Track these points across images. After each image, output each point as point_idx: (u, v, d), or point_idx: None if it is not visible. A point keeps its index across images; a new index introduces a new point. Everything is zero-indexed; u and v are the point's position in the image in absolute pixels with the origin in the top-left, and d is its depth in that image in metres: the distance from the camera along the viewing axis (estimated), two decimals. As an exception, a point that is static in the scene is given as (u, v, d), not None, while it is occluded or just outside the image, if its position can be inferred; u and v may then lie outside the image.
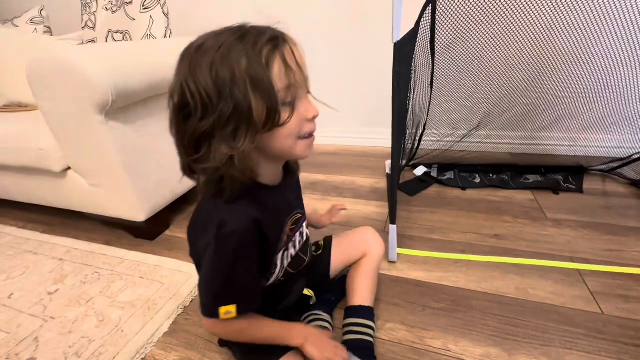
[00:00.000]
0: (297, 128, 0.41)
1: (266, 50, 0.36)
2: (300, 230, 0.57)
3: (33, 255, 1.05)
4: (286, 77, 0.38)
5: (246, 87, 0.36)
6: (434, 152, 1.39)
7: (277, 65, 0.37)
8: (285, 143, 0.42)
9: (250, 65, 0.36)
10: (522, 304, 0.72)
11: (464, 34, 1.06)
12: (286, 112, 0.39)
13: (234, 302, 0.45)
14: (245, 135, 0.38)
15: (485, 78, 1.17)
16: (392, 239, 0.86)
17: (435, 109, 1.29)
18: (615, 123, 1.13)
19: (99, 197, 0.99)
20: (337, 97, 1.63)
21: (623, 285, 0.75)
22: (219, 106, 0.36)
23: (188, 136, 0.39)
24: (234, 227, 0.42)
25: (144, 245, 1.05)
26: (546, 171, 1.23)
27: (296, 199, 0.58)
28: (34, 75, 0.83)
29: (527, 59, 1.09)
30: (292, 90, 0.39)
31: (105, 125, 0.84)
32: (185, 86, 0.37)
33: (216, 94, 0.36)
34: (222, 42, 0.36)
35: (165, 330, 0.73)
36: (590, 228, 0.94)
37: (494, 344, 0.64)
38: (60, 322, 0.78)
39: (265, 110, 0.37)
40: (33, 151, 0.98)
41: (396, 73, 0.73)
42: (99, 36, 1.32)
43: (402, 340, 0.67)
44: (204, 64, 0.36)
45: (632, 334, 0.64)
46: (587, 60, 1.03)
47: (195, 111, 0.37)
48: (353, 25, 1.46)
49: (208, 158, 0.39)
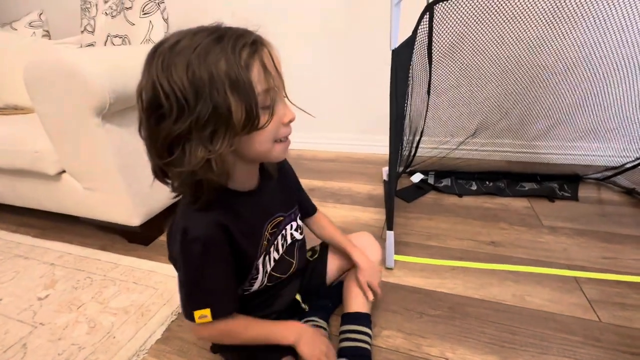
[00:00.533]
0: (274, 131, 0.42)
1: (245, 53, 0.36)
2: (282, 233, 0.56)
3: (24, 259, 1.03)
4: (265, 80, 0.38)
5: (225, 89, 0.35)
6: (430, 159, 1.40)
7: (256, 69, 0.37)
8: (262, 146, 0.42)
9: (230, 68, 0.35)
10: (519, 311, 0.72)
11: (460, 42, 1.08)
12: (265, 115, 0.39)
13: (207, 307, 0.45)
14: (223, 137, 0.37)
15: (481, 86, 1.18)
16: (390, 246, 0.85)
17: (432, 117, 1.30)
18: (609, 131, 1.15)
19: (94, 200, 0.98)
20: (335, 104, 1.64)
21: (620, 293, 0.75)
22: (196, 107, 0.35)
23: (161, 138, 0.37)
24: (196, 233, 0.42)
25: (139, 250, 1.03)
26: (542, 179, 1.24)
27: (280, 201, 0.56)
28: (32, 78, 0.83)
29: (523, 68, 1.11)
30: (271, 93, 0.39)
31: (102, 128, 0.83)
32: (158, 85, 0.35)
33: (193, 95, 0.35)
34: (199, 42, 0.35)
35: (158, 337, 0.72)
36: (586, 235, 0.95)
37: (492, 352, 0.64)
38: (50, 329, 0.76)
39: (244, 113, 0.37)
40: (28, 154, 0.97)
41: (393, 79, 0.74)
42: (98, 40, 1.32)
43: (399, 347, 0.66)
44: (180, 63, 0.35)
45: (629, 342, 0.64)
46: (580, 69, 1.05)
47: (169, 112, 0.36)
48: (353, 32, 1.48)
49: (182, 161, 0.37)
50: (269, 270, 0.55)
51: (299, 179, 0.66)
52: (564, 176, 1.24)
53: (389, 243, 0.85)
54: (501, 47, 1.07)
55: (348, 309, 0.65)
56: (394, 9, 0.70)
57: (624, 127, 1.11)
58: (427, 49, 1.10)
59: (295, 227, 0.60)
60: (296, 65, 1.58)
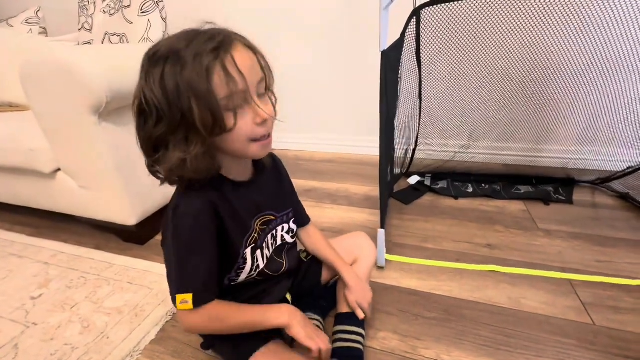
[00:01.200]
0: (247, 132, 0.42)
1: (207, 60, 0.37)
2: (272, 232, 0.56)
3: (17, 258, 1.02)
4: (227, 85, 0.39)
5: (189, 97, 0.38)
6: (429, 164, 1.41)
7: (217, 75, 0.38)
8: (236, 146, 0.43)
9: (190, 76, 0.37)
10: (514, 314, 0.72)
11: (448, 47, 1.10)
12: (230, 118, 0.40)
13: (188, 291, 0.45)
14: (195, 140, 0.40)
15: (471, 89, 1.20)
16: (381, 244, 0.86)
17: (425, 121, 1.31)
18: (601, 136, 1.17)
19: (89, 199, 0.97)
20: (333, 106, 1.64)
21: (613, 296, 0.76)
22: (169, 115, 0.39)
23: (146, 139, 0.42)
24: (188, 209, 0.45)
25: (134, 249, 1.03)
26: (537, 182, 1.25)
27: (272, 201, 0.56)
28: (28, 75, 0.82)
29: (512, 72, 1.12)
30: (234, 97, 0.40)
31: (99, 127, 0.83)
32: (142, 94, 0.40)
33: (165, 104, 0.38)
34: (171, 51, 0.38)
35: (153, 338, 0.71)
36: (580, 239, 0.95)
37: (487, 354, 0.64)
38: (43, 329, 0.75)
39: (210, 118, 0.39)
40: (23, 152, 0.96)
41: (383, 81, 0.76)
42: (95, 38, 1.32)
43: (395, 349, 0.66)
44: (156, 74, 0.38)
45: (622, 345, 0.65)
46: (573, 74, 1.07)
47: (150, 117, 0.40)
48: (352, 34, 1.48)
49: (165, 160, 0.41)
50: (262, 267, 0.55)
51: (295, 182, 0.66)
52: (559, 180, 1.25)
53: (380, 241, 0.86)
54: (488, 52, 1.09)
55: (341, 309, 0.65)
56: (383, 13, 0.72)
57: (615, 132, 1.13)
58: (416, 53, 1.11)
59: (287, 229, 0.60)
60: (294, 66, 1.58)
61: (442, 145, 1.40)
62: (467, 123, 1.29)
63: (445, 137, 1.37)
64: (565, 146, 1.31)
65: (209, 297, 0.47)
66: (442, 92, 1.21)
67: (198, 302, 0.46)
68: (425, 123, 1.31)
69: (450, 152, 1.40)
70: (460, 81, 1.18)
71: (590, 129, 1.16)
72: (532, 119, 1.21)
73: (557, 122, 1.21)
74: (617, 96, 1.05)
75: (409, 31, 1.01)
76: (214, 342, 0.60)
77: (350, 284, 0.63)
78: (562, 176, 1.25)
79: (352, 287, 0.63)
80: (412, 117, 1.28)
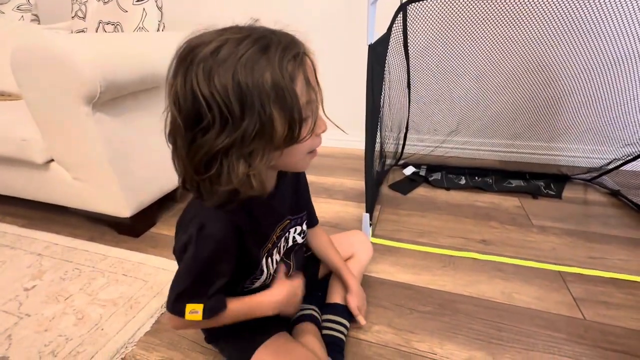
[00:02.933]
0: (308, 144, 0.41)
1: (291, 66, 0.35)
2: (285, 235, 0.56)
3: (10, 249, 1.01)
4: (307, 93, 0.37)
5: (270, 102, 0.34)
6: (420, 154, 1.44)
7: (300, 82, 0.36)
8: (296, 158, 0.42)
9: (276, 80, 0.34)
10: (507, 308, 0.73)
11: (435, 41, 1.12)
12: (306, 128, 0.38)
13: (202, 302, 0.44)
14: (262, 152, 0.36)
15: (458, 82, 1.23)
16: (365, 226, 0.90)
17: (415, 112, 1.33)
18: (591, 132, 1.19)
19: (83, 191, 0.96)
20: (329, 100, 1.63)
21: (604, 292, 0.77)
22: (242, 121, 0.33)
23: (202, 154, 0.35)
24: (213, 231, 0.42)
25: (129, 242, 1.02)
26: (530, 177, 1.26)
27: (290, 205, 0.55)
28: (19, 63, 0.80)
29: (497, 63, 1.14)
30: (312, 106, 0.39)
31: (92, 117, 0.81)
32: (200, 94, 0.33)
33: (239, 107, 0.33)
34: (244, 50, 0.33)
35: (147, 330, 0.71)
36: (574, 235, 0.96)
37: (479, 348, 0.65)
38: (37, 320, 0.75)
39: (287, 127, 0.36)
40: (15, 141, 0.94)
41: (370, 73, 0.78)
42: (89, 27, 1.29)
43: (389, 342, 0.67)
44: (225, 73, 0.33)
45: (612, 339, 0.66)
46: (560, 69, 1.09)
47: (212, 125, 0.34)
48: (349, 28, 1.46)
49: (220, 177, 0.36)
50: (272, 272, 0.54)
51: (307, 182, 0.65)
52: (552, 175, 1.26)
53: (365, 222, 0.91)
54: (475, 47, 1.12)
55: (330, 300, 0.69)
56: (370, 7, 0.74)
57: (605, 127, 1.14)
58: (404, 46, 1.13)
59: (299, 231, 0.59)
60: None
61: (432, 133, 1.42)
62: (455, 113, 1.32)
63: (434, 127, 1.40)
64: (558, 143, 1.32)
65: (219, 309, 0.47)
66: (430, 83, 1.24)
67: (208, 314, 0.45)
68: (416, 114, 1.33)
69: (442, 142, 1.43)
70: (447, 73, 1.21)
71: (580, 124, 1.18)
72: (519, 110, 1.23)
73: (547, 116, 1.23)
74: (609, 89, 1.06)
75: (395, 26, 1.02)
76: (218, 337, 0.60)
77: (354, 289, 0.66)
78: (555, 172, 1.27)
79: (355, 292, 0.66)
80: (402, 108, 1.31)
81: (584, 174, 1.25)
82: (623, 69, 1.01)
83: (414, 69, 1.20)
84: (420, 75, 1.22)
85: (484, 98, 1.23)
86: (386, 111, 1.19)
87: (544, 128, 1.27)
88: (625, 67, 1.00)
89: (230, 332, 0.55)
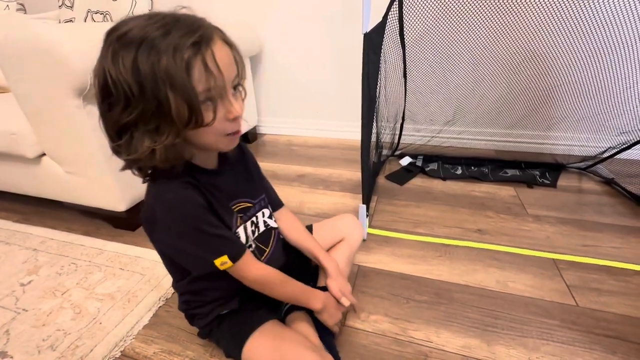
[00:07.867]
0: (219, 128, 0.42)
1: (187, 54, 0.36)
2: (252, 219, 0.57)
3: (5, 245, 1.00)
4: (206, 80, 0.38)
5: (166, 87, 0.36)
6: (418, 144, 1.43)
7: (197, 69, 0.37)
8: (207, 139, 0.43)
9: (170, 67, 0.35)
10: (502, 296, 0.74)
11: (431, 30, 1.10)
12: (209, 113, 0.39)
13: (221, 254, 0.46)
14: (168, 131, 0.38)
15: (454, 70, 1.22)
16: (362, 218, 0.89)
17: (412, 102, 1.32)
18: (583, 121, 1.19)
19: (77, 185, 0.95)
20: (326, 91, 1.61)
21: (597, 279, 0.78)
22: (141, 102, 0.37)
23: (111, 123, 0.39)
24: (178, 195, 0.44)
25: (125, 235, 1.02)
26: (526, 166, 1.27)
27: (243, 188, 0.56)
28: (6, 55, 0.78)
29: (493, 52, 1.14)
30: (212, 92, 0.39)
31: (83, 110, 0.80)
32: (108, 74, 0.37)
33: (138, 90, 0.36)
34: (147, 35, 0.36)
35: (146, 323, 0.71)
36: (568, 224, 0.97)
37: (474, 335, 0.66)
38: (34, 315, 0.75)
39: (187, 112, 0.37)
40: (5, 136, 0.92)
41: (365, 62, 0.78)
42: (77, 16, 1.25)
43: (386, 331, 0.68)
44: (127, 56, 0.36)
45: (604, 325, 0.67)
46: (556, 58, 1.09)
47: (117, 101, 0.37)
48: (345, 19, 1.44)
49: (129, 148, 0.39)
50: (254, 248, 0.56)
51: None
52: (547, 165, 1.27)
53: (362, 215, 0.90)
54: (471, 35, 1.10)
55: (318, 284, 0.68)
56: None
57: (600, 115, 1.15)
58: (400, 35, 1.11)
59: (268, 214, 0.60)
60: (287, 52, 1.54)
61: (428, 123, 1.42)
62: (452, 101, 1.31)
63: (431, 117, 1.39)
64: (554, 132, 1.33)
65: (242, 249, 0.49)
66: (426, 72, 1.23)
67: (234, 257, 0.47)
68: (413, 103, 1.32)
69: (439, 132, 1.43)
70: (443, 62, 1.20)
71: (576, 113, 1.18)
72: (514, 99, 1.23)
73: (542, 105, 1.23)
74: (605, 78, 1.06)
75: (390, 14, 1.01)
76: (210, 330, 0.60)
77: (333, 273, 0.62)
78: (550, 161, 1.28)
79: (334, 276, 0.62)
80: (398, 98, 1.30)
81: (579, 163, 1.26)
82: (618, 57, 1.00)
83: (410, 58, 1.19)
84: (417, 64, 1.21)
85: (480, 87, 1.23)
86: (382, 101, 1.18)
87: (540, 117, 1.27)
88: (621, 55, 1.00)
89: (223, 323, 0.57)
